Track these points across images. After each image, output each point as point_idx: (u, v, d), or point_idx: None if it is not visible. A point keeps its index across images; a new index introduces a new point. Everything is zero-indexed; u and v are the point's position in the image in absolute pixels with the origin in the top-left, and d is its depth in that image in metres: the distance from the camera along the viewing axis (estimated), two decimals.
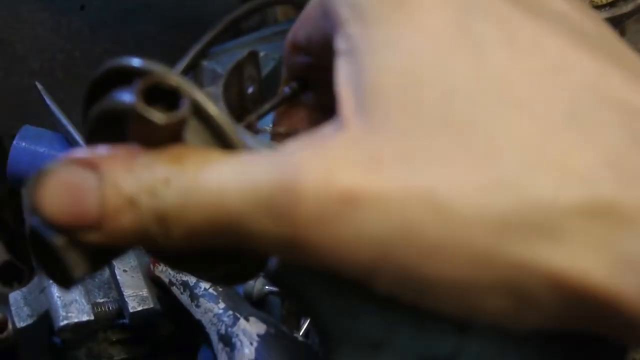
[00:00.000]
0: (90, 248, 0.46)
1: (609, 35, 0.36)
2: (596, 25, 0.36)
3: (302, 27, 0.42)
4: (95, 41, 1.05)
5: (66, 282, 0.47)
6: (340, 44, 0.36)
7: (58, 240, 0.45)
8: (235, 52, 1.04)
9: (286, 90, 0.63)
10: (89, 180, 0.36)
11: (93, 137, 0.53)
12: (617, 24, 0.74)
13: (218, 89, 0.57)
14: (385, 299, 0.46)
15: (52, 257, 0.46)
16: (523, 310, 0.33)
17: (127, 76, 0.50)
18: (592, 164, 0.31)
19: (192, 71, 1.03)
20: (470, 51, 0.33)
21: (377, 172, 0.32)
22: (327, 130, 0.34)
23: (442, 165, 0.32)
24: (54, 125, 0.98)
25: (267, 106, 0.62)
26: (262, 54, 1.02)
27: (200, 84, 1.03)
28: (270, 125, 0.59)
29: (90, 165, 0.36)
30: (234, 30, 1.09)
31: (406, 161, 0.32)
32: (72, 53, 1.05)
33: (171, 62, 1.03)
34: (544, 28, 0.34)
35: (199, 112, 0.48)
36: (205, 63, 1.03)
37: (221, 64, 1.02)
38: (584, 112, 0.32)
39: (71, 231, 0.37)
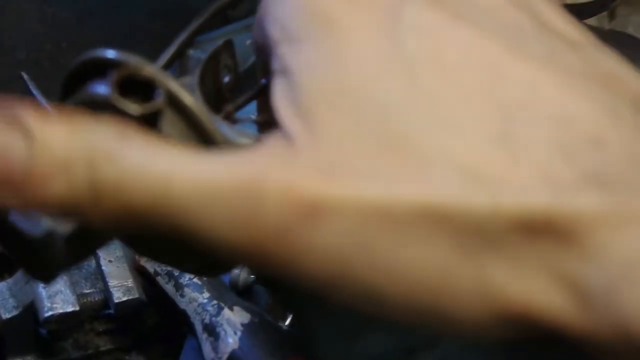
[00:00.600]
0: (70, 239, 0.46)
1: (551, 26, 0.35)
2: (534, 18, 0.35)
3: (256, 33, 0.42)
4: (82, 31, 1.04)
5: (45, 277, 0.47)
6: (274, 64, 0.36)
7: (36, 234, 0.45)
8: (221, 40, 1.04)
9: (264, 81, 0.63)
10: (16, 139, 0.34)
11: None
12: (604, 7, 0.74)
13: (194, 78, 0.57)
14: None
15: (30, 251, 0.46)
16: (481, 328, 0.33)
17: (102, 68, 0.50)
18: (525, 181, 0.31)
19: (179, 60, 1.03)
20: (400, 69, 0.33)
21: (333, 182, 0.32)
22: (278, 142, 0.34)
23: (386, 178, 0.32)
24: None
25: (245, 96, 0.62)
26: (248, 42, 1.02)
27: (186, 72, 1.02)
28: (252, 115, 0.59)
29: (19, 123, 0.34)
30: (221, 19, 1.09)
31: (356, 173, 0.32)
32: (59, 43, 1.04)
33: (159, 51, 1.03)
34: (475, 37, 0.33)
35: (175, 103, 0.48)
36: (191, 52, 1.03)
37: (207, 53, 1.02)
38: (515, 130, 0.32)
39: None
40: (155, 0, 1.06)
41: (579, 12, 0.74)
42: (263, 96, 0.56)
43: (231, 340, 0.71)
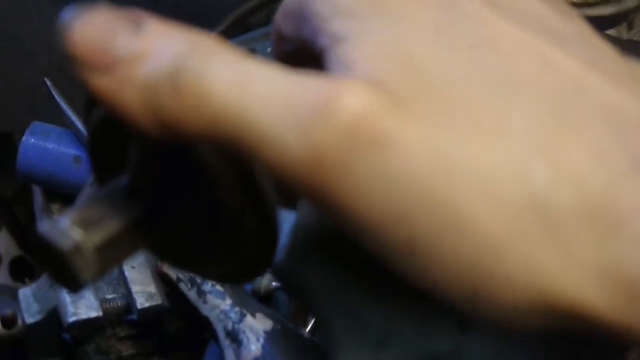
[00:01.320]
0: (97, 252, 0.47)
1: (589, 37, 0.36)
2: (576, 28, 0.36)
3: (283, 19, 0.42)
4: None
5: (74, 286, 0.48)
6: (321, 39, 0.36)
7: (64, 245, 0.46)
8: (242, 48, 1.05)
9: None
10: (127, 28, 0.36)
11: (96, 141, 0.54)
12: (624, 18, 0.74)
13: None
14: (389, 295, 0.47)
15: (59, 262, 0.46)
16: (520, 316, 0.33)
17: None
18: (584, 159, 0.31)
19: None
20: (457, 47, 0.34)
21: (413, 122, 0.32)
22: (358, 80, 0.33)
23: (461, 135, 0.32)
24: (63, 122, 0.99)
25: None
26: (268, 49, 1.02)
27: None
28: None
29: (137, 20, 0.36)
30: (241, 26, 1.10)
31: (436, 124, 0.32)
32: None
33: None
34: (524, 32, 0.34)
35: None
36: None
37: None
38: (571, 110, 0.32)
39: (83, 69, 0.36)
40: (175, 8, 1.06)
41: (598, 24, 0.74)
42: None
43: (254, 347, 0.72)
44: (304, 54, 0.40)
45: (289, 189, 0.35)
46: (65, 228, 0.46)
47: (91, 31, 0.36)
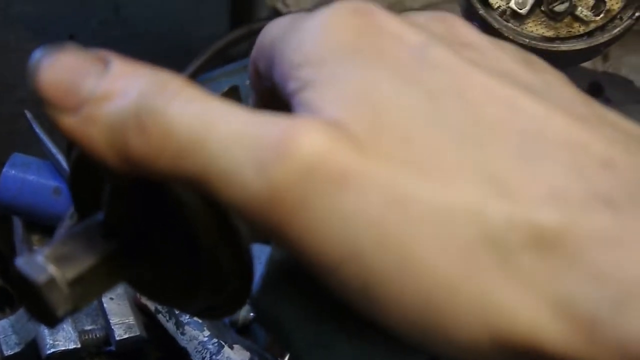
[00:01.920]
0: (72, 287, 0.47)
1: (559, 85, 0.37)
2: (545, 77, 0.37)
3: (258, 58, 0.43)
4: None
5: (50, 321, 0.48)
6: (291, 85, 0.37)
7: (40, 279, 0.46)
8: (222, 80, 1.05)
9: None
10: (93, 68, 0.37)
11: (75, 177, 0.54)
12: (598, 52, 0.75)
13: None
14: (360, 329, 0.47)
15: (35, 296, 0.47)
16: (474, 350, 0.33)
17: None
18: (540, 196, 0.32)
19: None
20: (422, 92, 0.34)
21: (370, 162, 0.32)
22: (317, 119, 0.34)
23: (417, 176, 0.32)
24: (43, 154, 0.99)
25: None
26: (247, 82, 1.03)
27: None
28: None
29: (102, 61, 0.37)
30: (222, 58, 1.11)
31: (393, 164, 0.32)
32: None
33: None
34: (493, 80, 0.35)
35: None
36: None
37: None
38: (532, 150, 0.33)
39: (51, 109, 0.37)
40: (157, 40, 1.07)
41: (573, 58, 0.75)
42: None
43: None
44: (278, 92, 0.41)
45: (252, 225, 0.35)
46: (41, 263, 0.46)
47: (58, 72, 0.37)
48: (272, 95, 0.42)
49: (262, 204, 0.33)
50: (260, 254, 0.55)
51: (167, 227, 0.51)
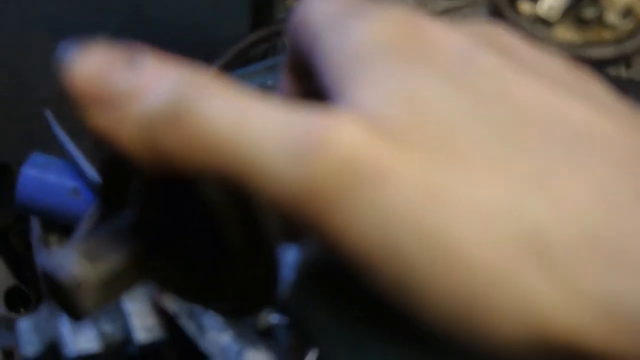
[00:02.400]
0: (101, 282, 0.47)
1: (600, 89, 0.37)
2: (588, 82, 0.37)
3: (299, 36, 0.42)
4: None
5: (76, 316, 0.48)
6: (331, 75, 0.36)
7: (69, 274, 0.46)
8: (242, 81, 1.05)
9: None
10: (124, 64, 0.36)
11: (104, 177, 0.54)
12: (623, 59, 0.75)
13: None
14: (394, 334, 0.47)
15: (64, 291, 0.47)
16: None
17: None
18: (587, 195, 0.31)
19: None
20: (467, 94, 0.34)
21: (409, 156, 0.32)
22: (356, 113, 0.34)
23: (459, 170, 0.32)
24: (63, 154, 0.99)
25: None
26: (269, 83, 1.03)
27: None
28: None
29: (134, 55, 0.36)
30: (242, 59, 1.11)
31: (433, 159, 0.32)
32: None
33: None
34: (539, 87, 0.35)
35: None
36: None
37: None
38: (575, 151, 0.33)
39: (81, 107, 0.36)
40: (176, 41, 1.07)
41: (598, 64, 0.75)
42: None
43: None
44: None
45: (288, 221, 0.35)
46: (70, 258, 0.47)
47: (88, 69, 0.36)
48: (305, 77, 0.42)
49: (298, 200, 0.33)
50: (288, 257, 0.55)
51: (195, 226, 0.50)
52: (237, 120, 0.34)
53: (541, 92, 0.35)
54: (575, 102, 0.34)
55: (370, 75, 0.35)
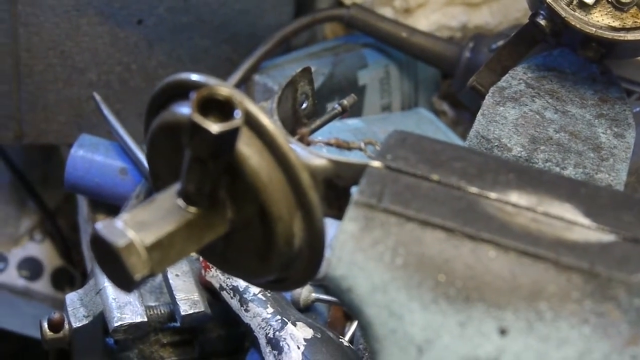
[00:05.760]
0: (150, 251, 0.49)
1: None
2: None
3: None
4: (151, 55, 1.08)
5: (127, 285, 0.50)
6: None
7: (119, 243, 0.48)
8: (285, 67, 1.07)
9: (336, 106, 0.66)
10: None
11: (153, 148, 0.56)
12: None
13: (273, 103, 0.60)
14: (431, 300, 0.49)
15: (113, 261, 0.49)
16: None
17: (184, 90, 0.53)
18: None
19: (244, 84, 1.06)
20: None
21: None
22: None
23: None
24: (110, 135, 1.01)
25: (318, 122, 0.64)
26: (313, 68, 1.05)
27: (251, 97, 1.06)
28: (321, 137, 0.62)
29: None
30: (284, 46, 1.12)
31: None
32: (129, 65, 1.08)
33: (224, 75, 1.06)
34: None
35: (252, 123, 0.51)
36: (256, 77, 1.06)
37: (272, 78, 1.05)
38: None
39: None
40: (221, 27, 1.09)
41: (638, 48, 0.76)
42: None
43: (294, 355, 0.73)
44: None
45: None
46: (120, 228, 0.49)
47: None
48: None
49: None
50: (331, 228, 0.57)
51: (241, 199, 0.52)
52: None
53: None
54: None
55: None
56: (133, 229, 0.49)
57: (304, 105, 0.63)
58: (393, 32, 1.10)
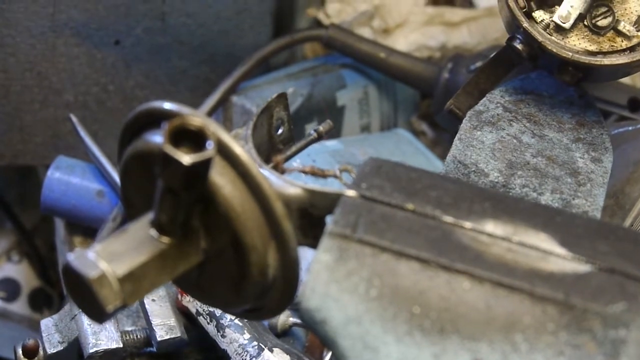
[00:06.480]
0: (122, 283, 0.48)
1: None
2: None
3: None
4: (128, 75, 1.08)
5: (99, 316, 0.49)
6: None
7: (91, 275, 0.48)
8: (263, 88, 1.07)
9: (312, 132, 0.66)
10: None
11: (126, 177, 0.56)
12: (638, 67, 0.76)
13: (248, 129, 0.60)
14: (406, 332, 0.48)
15: (86, 292, 0.48)
16: None
17: (157, 119, 0.53)
18: None
19: (222, 106, 1.06)
20: None
21: None
22: None
23: None
24: (87, 157, 1.01)
25: (294, 148, 0.64)
26: (290, 90, 1.04)
27: (229, 118, 1.05)
28: (296, 163, 0.62)
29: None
30: (264, 66, 1.12)
31: None
32: (106, 86, 1.07)
33: (202, 96, 1.06)
34: None
35: (225, 152, 0.51)
36: (234, 98, 1.05)
37: (250, 99, 1.05)
38: None
39: None
40: (200, 47, 1.08)
41: (615, 72, 0.76)
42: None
43: None
44: None
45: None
46: (92, 259, 0.48)
47: None
48: None
49: None
50: (304, 260, 0.56)
51: (215, 228, 0.52)
52: None
53: None
54: None
55: None
56: (105, 259, 0.49)
57: (280, 131, 0.63)
58: (371, 53, 1.10)
